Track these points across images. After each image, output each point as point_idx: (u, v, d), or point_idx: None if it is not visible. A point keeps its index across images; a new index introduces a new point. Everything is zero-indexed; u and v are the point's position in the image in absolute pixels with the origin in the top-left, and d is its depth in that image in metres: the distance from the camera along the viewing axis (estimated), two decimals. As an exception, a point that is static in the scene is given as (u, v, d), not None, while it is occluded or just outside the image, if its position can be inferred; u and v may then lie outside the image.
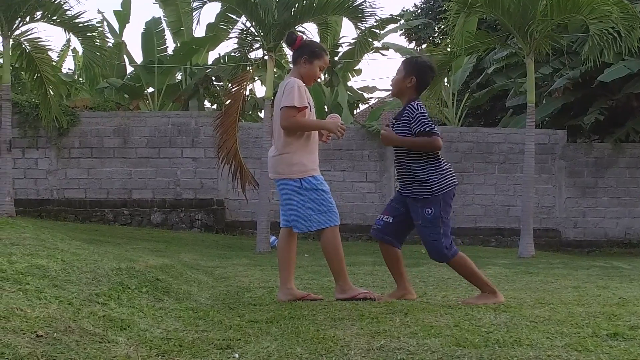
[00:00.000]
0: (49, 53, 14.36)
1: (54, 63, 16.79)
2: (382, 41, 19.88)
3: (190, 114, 18.01)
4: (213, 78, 20.17)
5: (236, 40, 14.03)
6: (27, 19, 13.46)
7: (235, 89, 13.69)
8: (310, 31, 27.66)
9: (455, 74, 20.58)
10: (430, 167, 5.02)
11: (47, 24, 13.69)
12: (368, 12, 13.04)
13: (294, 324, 4.08)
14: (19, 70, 17.98)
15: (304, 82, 5.36)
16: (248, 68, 14.00)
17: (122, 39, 21.11)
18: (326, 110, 19.88)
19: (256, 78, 19.20)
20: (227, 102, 13.95)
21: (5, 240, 6.04)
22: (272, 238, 14.94)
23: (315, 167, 5.30)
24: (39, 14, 13.40)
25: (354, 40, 14.92)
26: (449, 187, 5.03)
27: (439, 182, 5.00)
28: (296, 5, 12.79)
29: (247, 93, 16.55)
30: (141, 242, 13.31)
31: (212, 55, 26.44)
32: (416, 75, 5.13)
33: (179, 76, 20.88)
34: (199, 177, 17.66)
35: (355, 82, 66.11)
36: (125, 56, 20.76)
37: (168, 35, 20.59)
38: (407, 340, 3.60)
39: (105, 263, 5.44)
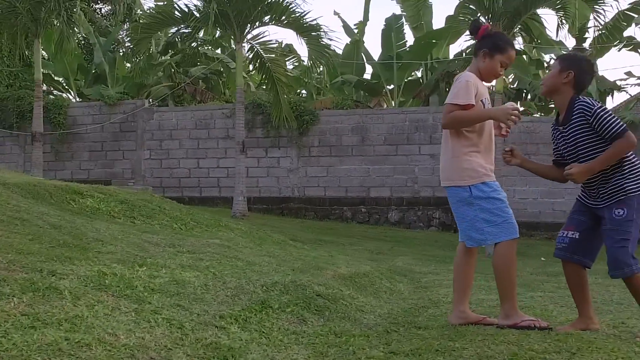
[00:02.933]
0: (280, 54, 14.66)
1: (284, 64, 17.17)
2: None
3: (428, 110, 17.56)
4: (457, 71, 19.51)
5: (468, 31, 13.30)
6: (257, 23, 13.84)
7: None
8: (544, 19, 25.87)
9: None
10: (624, 166, 4.16)
11: (275, 27, 14.02)
12: (610, -8, 11.73)
13: (435, 361, 3.48)
14: (252, 72, 18.67)
15: (482, 78, 4.65)
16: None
17: (360, 37, 21.14)
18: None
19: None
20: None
21: (185, 247, 6.00)
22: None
23: (488, 171, 4.56)
24: (267, 17, 13.71)
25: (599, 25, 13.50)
26: None
27: (635, 182, 4.13)
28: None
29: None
30: (369, 241, 13.13)
31: (454, 49, 25.70)
32: (575, 70, 4.27)
33: (419, 72, 20.49)
34: (437, 174, 17.07)
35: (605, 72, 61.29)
36: (362, 54, 20.76)
37: (408, 30, 20.33)
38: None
39: (265, 276, 5.16)
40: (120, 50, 20.82)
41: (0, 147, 19.42)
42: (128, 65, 21.86)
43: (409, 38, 20.50)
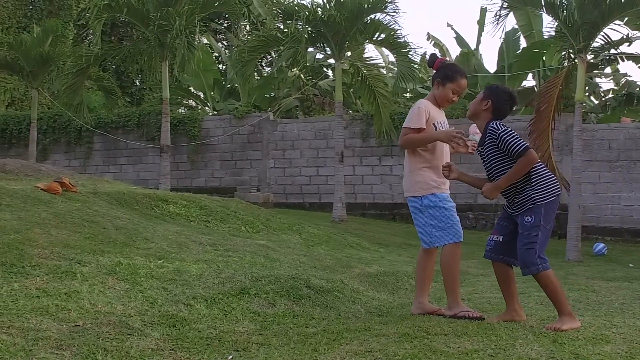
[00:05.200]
0: (381, 70, 15.70)
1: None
2: None
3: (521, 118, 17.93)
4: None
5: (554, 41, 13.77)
6: (353, 42, 14.93)
7: (548, 91, 13.42)
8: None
9: None
10: (532, 179, 4.95)
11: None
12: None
13: (314, 337, 4.34)
14: (354, 87, 19.70)
15: (438, 104, 5.50)
16: (562, 69, 13.62)
17: (476, 48, 21.71)
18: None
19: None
20: (541, 107, 13.70)
21: (223, 247, 7.12)
22: (600, 246, 14.30)
23: (438, 184, 5.40)
24: (361, 37, 14.78)
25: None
26: (551, 197, 4.92)
27: (541, 192, 4.91)
28: (607, 2, 12.16)
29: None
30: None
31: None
32: (493, 99, 5.08)
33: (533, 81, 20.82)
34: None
35: None
36: (474, 65, 21.27)
37: (524, 42, 20.72)
38: None
39: (268, 270, 6.20)
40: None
41: (144, 157, 21.67)
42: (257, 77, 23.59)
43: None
